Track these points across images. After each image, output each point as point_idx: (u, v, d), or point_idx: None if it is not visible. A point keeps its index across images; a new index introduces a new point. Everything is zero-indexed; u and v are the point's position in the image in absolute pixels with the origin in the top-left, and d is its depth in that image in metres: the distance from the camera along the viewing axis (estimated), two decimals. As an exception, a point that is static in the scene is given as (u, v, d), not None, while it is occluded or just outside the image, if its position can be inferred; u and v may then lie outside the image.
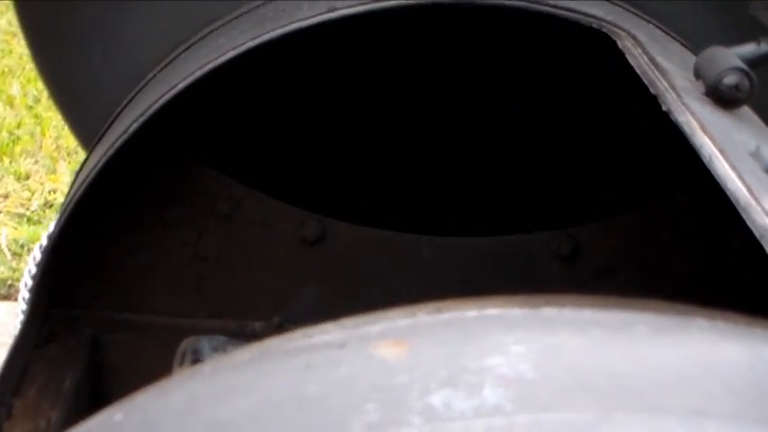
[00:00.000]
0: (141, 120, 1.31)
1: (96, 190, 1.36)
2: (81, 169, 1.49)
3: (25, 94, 4.07)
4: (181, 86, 1.30)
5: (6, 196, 3.54)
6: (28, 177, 3.65)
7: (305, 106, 1.64)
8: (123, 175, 1.51)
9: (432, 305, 0.65)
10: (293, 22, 1.27)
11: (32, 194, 3.54)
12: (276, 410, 0.58)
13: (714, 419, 0.52)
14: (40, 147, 3.82)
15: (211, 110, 1.61)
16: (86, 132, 1.62)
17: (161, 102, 1.30)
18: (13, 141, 3.82)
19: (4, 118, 3.96)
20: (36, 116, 3.96)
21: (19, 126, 3.93)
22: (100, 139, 1.49)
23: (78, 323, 1.60)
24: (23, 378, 1.44)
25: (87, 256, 1.61)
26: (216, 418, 0.60)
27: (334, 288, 1.65)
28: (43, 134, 3.86)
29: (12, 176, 3.64)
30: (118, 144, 1.31)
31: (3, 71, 4.29)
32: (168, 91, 1.30)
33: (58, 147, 3.79)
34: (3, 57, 4.32)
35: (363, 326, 0.64)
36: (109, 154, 1.31)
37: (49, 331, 1.57)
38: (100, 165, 1.33)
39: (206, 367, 0.66)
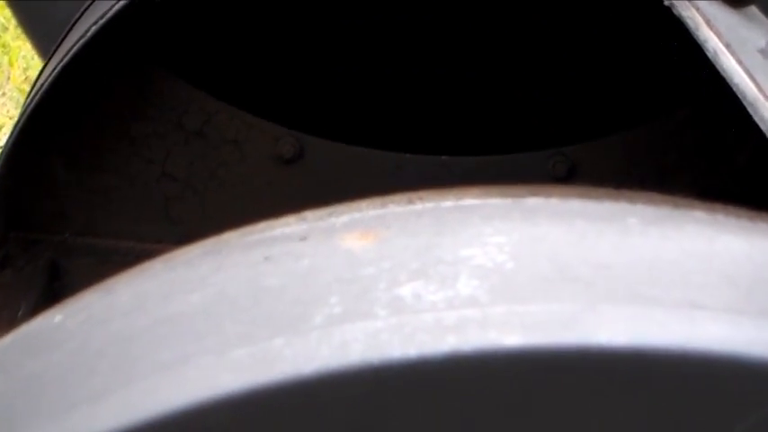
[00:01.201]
0: (101, 23, 1.28)
1: (53, 102, 1.34)
2: (37, 79, 1.46)
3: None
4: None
5: (-31, 123, 3.51)
6: (-7, 103, 3.62)
7: (281, 12, 1.61)
8: (83, 85, 1.48)
9: (404, 196, 0.63)
10: None
11: (0, 129, 3.50)
12: (231, 304, 0.57)
13: (708, 311, 0.51)
14: (8, 78, 3.78)
15: (180, 15, 1.58)
16: (46, 40, 1.59)
17: (122, 3, 1.27)
18: None
19: (-33, 40, 3.92)
20: (3, 45, 3.91)
21: None
22: (58, 46, 1.46)
23: (36, 247, 1.59)
24: (-23, 304, 1.43)
25: (46, 176, 1.58)
26: (165, 313, 0.59)
27: (311, 208, 1.63)
28: (11, 65, 3.81)
29: (-23, 103, 3.62)
30: (75, 50, 1.28)
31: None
32: None
33: (27, 78, 3.74)
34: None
35: (328, 217, 0.62)
36: (66, 60, 1.29)
37: (4, 256, 1.55)
38: (56, 73, 1.30)
39: (157, 263, 0.65)
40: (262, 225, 0.64)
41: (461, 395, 0.49)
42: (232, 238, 0.64)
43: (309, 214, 0.64)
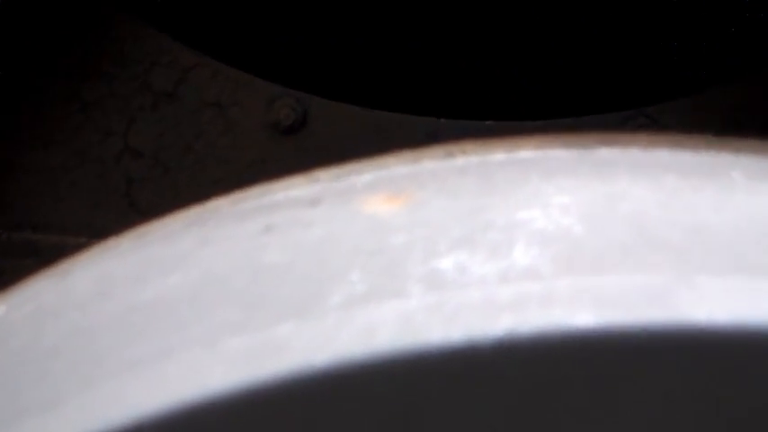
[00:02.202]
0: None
1: None
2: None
3: None
4: None
5: None
6: None
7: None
8: (23, 32, 1.49)
9: (441, 148, 0.64)
10: None
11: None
12: (222, 284, 0.58)
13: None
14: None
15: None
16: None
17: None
18: None
19: None
20: None
21: None
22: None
23: (-37, 246, 1.60)
24: None
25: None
26: (137, 299, 0.60)
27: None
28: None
29: None
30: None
31: None
32: None
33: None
34: None
35: (347, 177, 0.64)
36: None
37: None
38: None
39: (125, 240, 0.66)
40: (260, 189, 0.65)
41: (518, 388, 0.50)
42: (223, 205, 0.66)
43: (322, 174, 0.65)
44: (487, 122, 1.63)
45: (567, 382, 0.50)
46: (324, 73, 1.64)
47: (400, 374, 0.50)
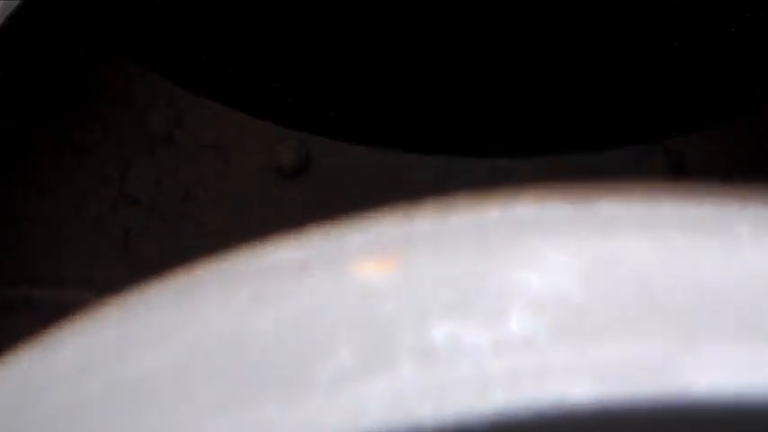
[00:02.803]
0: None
1: None
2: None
3: None
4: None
5: None
6: None
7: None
8: (11, 74, 1.50)
9: (435, 206, 0.64)
10: None
11: None
12: (207, 360, 0.58)
13: None
14: None
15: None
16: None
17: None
18: None
19: None
20: None
21: None
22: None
23: (-46, 303, 1.60)
24: None
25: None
26: (121, 376, 0.60)
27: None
28: None
29: None
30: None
31: None
32: None
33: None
34: None
35: (336, 238, 0.64)
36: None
37: None
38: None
39: (111, 308, 0.66)
40: (247, 252, 0.65)
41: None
42: (209, 270, 0.66)
43: (313, 233, 0.65)
44: (499, 161, 1.63)
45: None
46: (327, 113, 1.64)
47: (390, 455, 0.50)
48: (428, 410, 0.51)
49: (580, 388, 0.50)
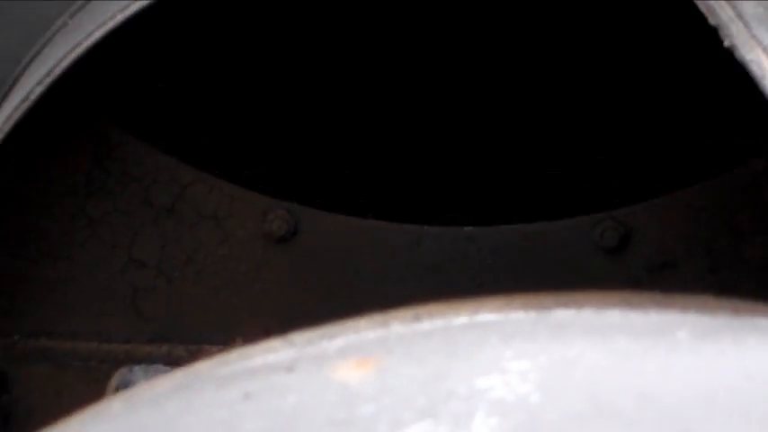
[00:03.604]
0: (47, 82, 1.29)
1: None
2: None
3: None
4: (100, 34, 1.28)
5: None
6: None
7: (268, 64, 1.62)
8: (30, 155, 1.50)
9: (409, 312, 0.64)
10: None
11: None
12: (203, 454, 0.58)
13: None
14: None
15: (143, 68, 1.59)
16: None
17: (73, 56, 1.29)
18: None
19: None
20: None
21: None
22: (-2, 107, 1.47)
23: (-22, 354, 1.59)
24: None
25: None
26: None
27: (310, 297, 1.63)
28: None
29: None
30: (17, 116, 1.30)
31: None
32: (82, 41, 1.28)
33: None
34: None
35: (319, 341, 0.63)
36: (6, 129, 1.30)
37: (-58, 366, 1.56)
38: (-5, 141, 1.31)
39: (116, 402, 0.66)
40: (240, 352, 0.65)
41: None
42: (206, 368, 0.65)
43: (297, 337, 0.65)
44: (466, 228, 1.63)
45: None
46: (313, 184, 1.64)
47: None
48: None
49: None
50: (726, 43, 1.01)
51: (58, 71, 1.30)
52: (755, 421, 0.53)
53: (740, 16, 1.05)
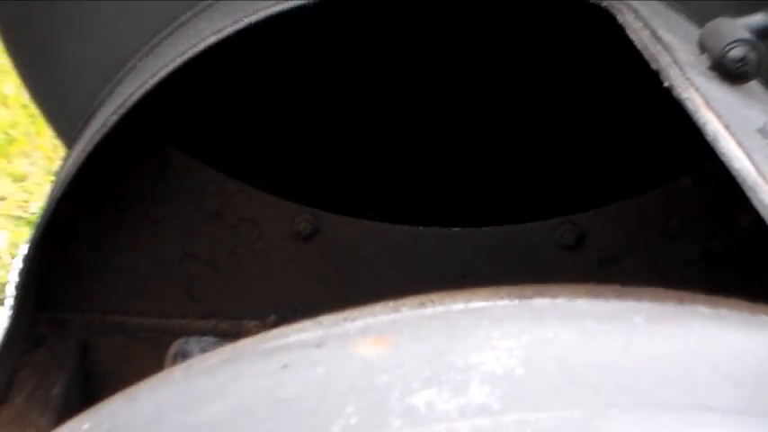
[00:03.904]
0: (120, 112, 1.28)
1: (78, 188, 1.34)
2: (61, 167, 1.46)
3: (20, 93, 3.97)
4: (162, 74, 1.26)
5: (3, 199, 3.48)
6: (25, 179, 3.58)
7: (295, 97, 1.61)
8: (106, 171, 1.49)
9: (416, 299, 0.62)
10: (275, 4, 1.24)
11: (30, 196, 3.46)
12: (249, 415, 0.56)
13: (716, 413, 0.50)
14: (36, 147, 3.75)
15: (197, 101, 1.58)
16: (66, 128, 1.59)
17: (141, 92, 1.27)
18: (9, 142, 3.73)
19: (-1, 118, 3.90)
20: (31, 116, 3.86)
21: (14, 126, 3.84)
22: (79, 133, 1.46)
23: (66, 327, 1.58)
24: (11, 385, 1.42)
25: (74, 258, 1.58)
26: (186, 424, 0.58)
27: (329, 284, 1.62)
28: (39, 134, 3.78)
29: (8, 178, 3.57)
30: (97, 138, 1.28)
31: (-6, 68, 4.25)
32: (148, 80, 1.27)
33: (55, 146, 3.70)
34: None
35: (343, 323, 0.62)
36: (87, 150, 1.28)
37: (36, 336, 1.55)
38: (79, 162, 1.30)
39: (177, 371, 0.64)
40: (277, 331, 0.64)
41: None
42: (249, 344, 0.64)
43: (325, 319, 0.63)
44: (453, 229, 1.62)
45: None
46: (331, 194, 1.63)
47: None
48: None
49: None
50: (665, 84, 1.00)
51: (128, 103, 1.29)
52: (699, 387, 0.52)
53: (676, 62, 1.04)
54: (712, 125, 0.87)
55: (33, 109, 3.83)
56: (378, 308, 0.62)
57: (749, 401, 0.51)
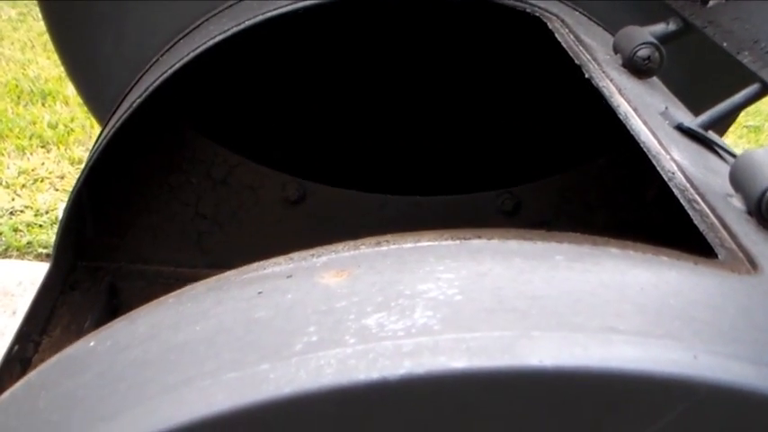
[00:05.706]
0: (144, 95, 1.24)
1: (109, 159, 1.30)
2: (96, 142, 1.42)
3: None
4: (177, 66, 1.23)
5: (62, 177, 3.47)
6: (80, 162, 3.58)
7: (288, 83, 1.58)
8: (132, 145, 1.45)
9: (373, 239, 0.58)
10: (270, 11, 1.21)
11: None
12: (227, 333, 0.52)
13: (622, 335, 0.46)
14: (90, 137, 3.75)
15: (207, 88, 1.54)
16: (101, 110, 1.55)
17: (160, 80, 1.24)
18: (68, 132, 3.74)
19: (61, 114, 3.89)
20: (87, 112, 3.86)
21: (72, 120, 3.86)
22: (112, 115, 1.42)
23: (99, 273, 1.54)
24: (50, 320, 1.38)
25: (106, 217, 1.54)
26: (175, 341, 0.54)
27: (313, 240, 1.58)
28: (92, 126, 3.78)
29: (67, 161, 3.57)
30: (125, 117, 1.24)
31: (60, 76, 4.20)
32: (166, 70, 1.23)
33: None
34: (60, 64, 4.17)
35: (310, 258, 0.58)
36: (116, 126, 1.24)
37: (73, 281, 1.51)
38: (109, 135, 1.26)
39: (170, 298, 0.60)
40: (256, 264, 0.60)
41: (417, 413, 0.44)
42: (232, 275, 0.60)
43: (296, 255, 0.59)
44: (415, 197, 1.59)
45: (449, 408, 0.45)
46: (316, 166, 1.60)
47: (338, 402, 0.45)
48: (363, 372, 0.45)
49: (458, 361, 0.45)
50: (586, 76, 0.96)
51: (150, 89, 1.25)
52: (610, 313, 0.48)
53: (595, 59, 1.01)
54: (624, 107, 0.84)
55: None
56: (341, 246, 0.58)
57: (650, 326, 0.48)
